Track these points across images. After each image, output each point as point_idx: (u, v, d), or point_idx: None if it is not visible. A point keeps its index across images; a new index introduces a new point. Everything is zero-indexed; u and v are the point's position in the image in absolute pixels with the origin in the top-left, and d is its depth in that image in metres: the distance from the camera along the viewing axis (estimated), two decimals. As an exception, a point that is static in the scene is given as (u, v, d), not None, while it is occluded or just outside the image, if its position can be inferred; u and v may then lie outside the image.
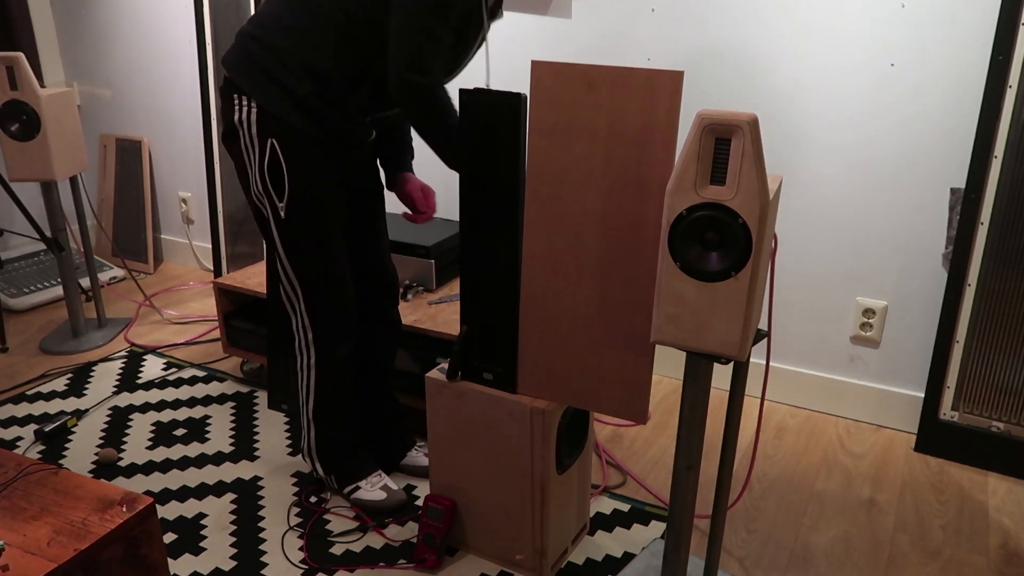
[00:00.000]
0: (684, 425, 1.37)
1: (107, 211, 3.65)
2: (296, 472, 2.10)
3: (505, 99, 1.45)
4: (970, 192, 2.02)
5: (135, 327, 2.99)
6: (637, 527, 1.90)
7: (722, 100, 2.31)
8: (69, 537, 1.29)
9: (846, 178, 2.22)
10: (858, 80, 2.13)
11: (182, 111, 3.37)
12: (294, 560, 1.78)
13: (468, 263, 1.60)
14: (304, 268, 1.77)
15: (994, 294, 2.07)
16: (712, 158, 1.15)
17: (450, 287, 2.45)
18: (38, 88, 2.48)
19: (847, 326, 2.35)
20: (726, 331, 1.20)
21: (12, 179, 2.57)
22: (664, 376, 2.64)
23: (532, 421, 1.59)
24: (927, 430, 2.21)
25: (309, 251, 1.76)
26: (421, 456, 2.07)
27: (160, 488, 2.04)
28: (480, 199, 1.54)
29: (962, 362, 2.14)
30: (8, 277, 3.25)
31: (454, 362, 1.67)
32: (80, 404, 2.43)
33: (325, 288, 1.79)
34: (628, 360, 1.43)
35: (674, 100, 1.26)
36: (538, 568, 1.72)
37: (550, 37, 2.49)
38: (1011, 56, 1.90)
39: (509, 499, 1.70)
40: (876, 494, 2.04)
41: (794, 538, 1.88)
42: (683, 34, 2.30)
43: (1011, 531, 1.91)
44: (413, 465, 2.06)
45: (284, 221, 1.73)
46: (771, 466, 2.16)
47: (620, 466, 2.14)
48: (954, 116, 2.05)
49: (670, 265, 1.21)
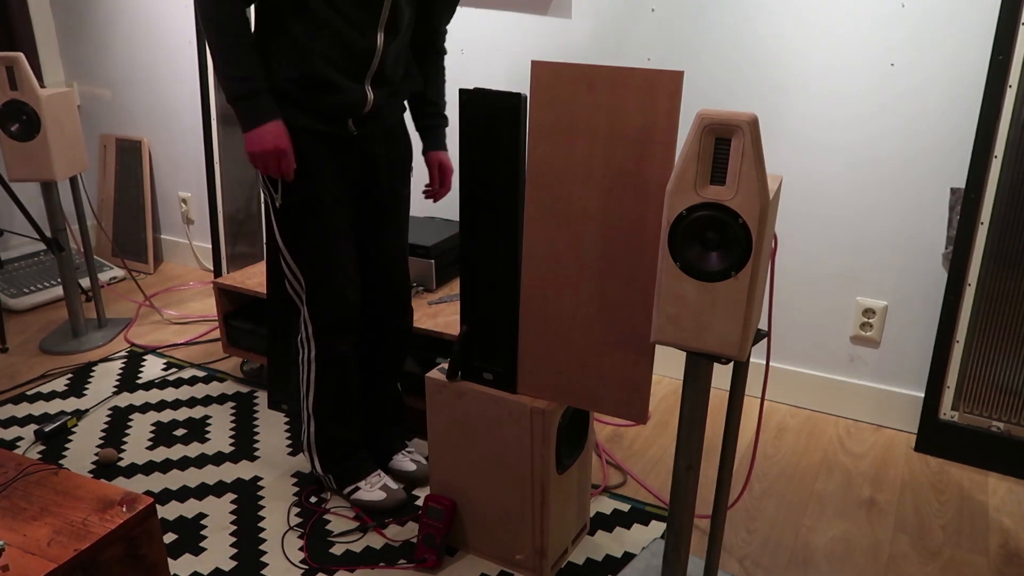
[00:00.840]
0: (684, 425, 1.37)
1: (107, 211, 3.65)
2: (296, 472, 2.10)
3: (505, 99, 1.45)
4: (970, 192, 2.02)
5: (135, 327, 2.99)
6: (637, 527, 1.90)
7: (722, 100, 2.31)
8: (69, 537, 1.29)
9: (846, 178, 2.22)
10: (858, 80, 2.13)
11: (182, 111, 3.37)
12: (294, 560, 1.78)
13: (468, 263, 1.60)
14: (303, 259, 1.78)
15: (994, 294, 2.07)
16: (712, 158, 1.15)
17: (450, 287, 2.45)
18: (38, 88, 2.48)
19: (847, 326, 2.35)
20: (726, 331, 1.20)
21: (12, 179, 2.57)
22: (664, 376, 2.64)
23: (532, 421, 1.59)
24: (927, 430, 2.21)
25: (306, 242, 1.76)
26: (407, 461, 2.05)
27: (160, 488, 2.04)
28: (480, 199, 1.54)
29: (962, 362, 2.14)
30: (8, 277, 3.25)
31: (454, 362, 1.67)
32: (80, 404, 2.43)
33: (324, 281, 1.78)
34: (628, 360, 1.43)
35: (674, 100, 1.26)
36: (538, 568, 1.72)
37: (550, 37, 2.49)
38: (1011, 56, 1.90)
39: (509, 499, 1.70)
40: (876, 494, 2.04)
41: (794, 538, 1.88)
42: (683, 34, 2.30)
43: (1011, 531, 1.91)
44: (398, 469, 2.05)
45: (281, 211, 1.74)
46: (771, 466, 2.16)
47: (620, 466, 2.14)
48: (954, 116, 2.05)
49: (670, 265, 1.21)
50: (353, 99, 1.69)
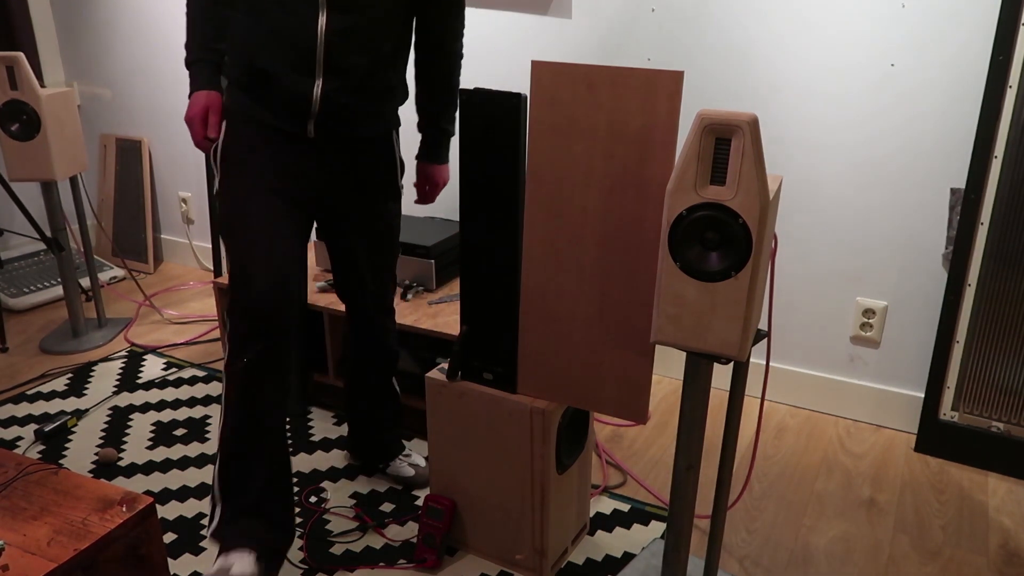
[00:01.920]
0: (684, 425, 1.37)
1: (107, 211, 3.65)
2: (296, 472, 2.10)
3: (505, 99, 1.45)
4: (970, 192, 2.02)
5: (135, 327, 2.99)
6: (637, 527, 1.90)
7: (722, 100, 2.31)
8: (69, 537, 1.29)
9: (846, 178, 2.22)
10: (858, 80, 2.13)
11: (182, 111, 3.36)
12: (294, 560, 1.78)
13: (468, 263, 1.60)
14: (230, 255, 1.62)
15: (994, 294, 2.07)
16: (712, 158, 1.15)
17: (450, 287, 2.45)
18: (38, 88, 2.48)
19: (847, 326, 2.35)
20: (726, 331, 1.20)
21: (12, 179, 2.57)
22: (664, 376, 2.64)
23: (532, 421, 1.59)
24: (927, 430, 2.21)
25: (232, 238, 1.62)
26: (405, 466, 2.04)
27: (160, 488, 2.04)
28: (480, 199, 1.54)
29: (962, 362, 2.14)
30: (8, 277, 3.25)
31: (454, 362, 1.67)
32: (80, 404, 2.43)
33: (245, 279, 1.58)
34: (628, 360, 1.43)
35: (674, 100, 1.26)
36: (538, 568, 1.72)
37: (550, 37, 2.49)
38: (1011, 56, 1.90)
39: (509, 499, 1.70)
40: (876, 494, 2.04)
41: (794, 538, 1.88)
42: (683, 34, 2.30)
43: (1011, 531, 1.91)
44: (396, 475, 2.05)
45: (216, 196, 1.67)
46: (771, 466, 2.16)
47: (620, 466, 2.14)
48: (954, 116, 2.05)
49: (670, 265, 1.21)
50: (295, 91, 1.55)
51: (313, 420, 2.35)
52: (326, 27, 1.51)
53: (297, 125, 1.59)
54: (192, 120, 1.60)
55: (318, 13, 1.50)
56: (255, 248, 1.58)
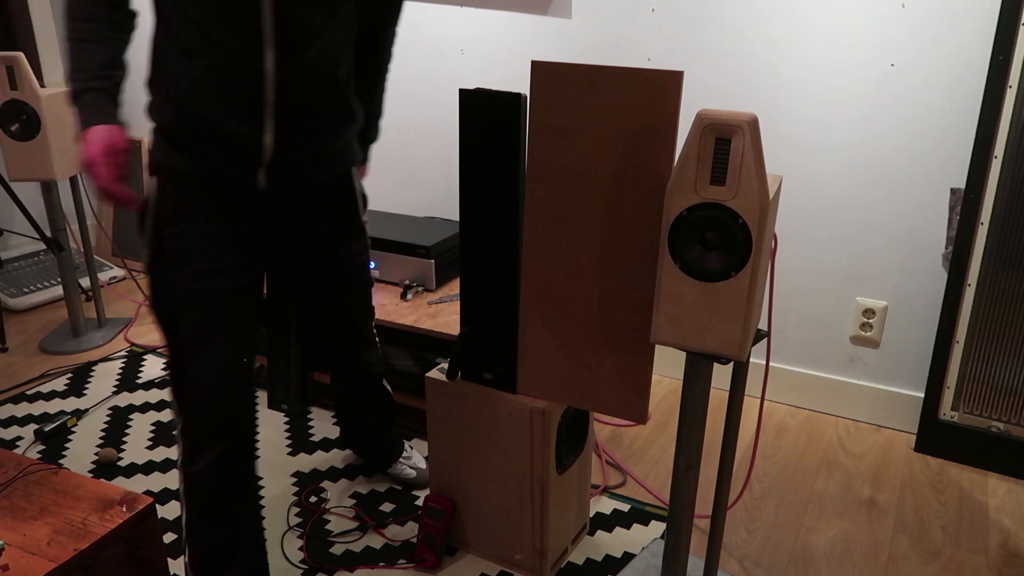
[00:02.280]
0: (684, 425, 1.37)
1: (107, 211, 3.65)
2: (296, 472, 2.10)
3: (505, 99, 1.45)
4: (970, 192, 2.02)
5: (135, 327, 2.99)
6: (637, 527, 1.90)
7: (722, 100, 2.31)
8: (69, 537, 1.29)
9: (846, 178, 2.22)
10: (858, 80, 2.13)
11: (182, 111, 3.36)
12: (294, 560, 1.78)
13: (468, 263, 1.60)
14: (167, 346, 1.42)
15: (994, 294, 2.07)
16: (712, 158, 1.15)
17: (450, 287, 2.45)
18: (38, 88, 2.48)
19: (847, 326, 2.35)
20: (726, 331, 1.20)
21: (12, 179, 2.57)
22: (664, 376, 2.64)
23: (532, 421, 1.59)
24: (927, 430, 2.21)
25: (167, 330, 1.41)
26: (406, 468, 2.04)
27: (160, 488, 2.04)
28: (480, 199, 1.54)
29: (962, 362, 2.14)
30: (8, 277, 3.25)
31: (454, 362, 1.67)
32: (80, 404, 2.43)
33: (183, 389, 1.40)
34: (628, 360, 1.43)
35: (674, 100, 1.26)
36: (538, 568, 1.72)
37: (550, 37, 2.49)
38: (1011, 56, 1.90)
39: (509, 499, 1.70)
40: (876, 494, 2.04)
41: (794, 538, 1.88)
42: (683, 34, 2.30)
43: (1011, 531, 1.91)
44: (398, 476, 2.05)
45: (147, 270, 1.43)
46: (771, 466, 2.16)
47: (620, 466, 2.14)
48: (954, 116, 2.05)
49: (670, 265, 1.21)
50: (242, 139, 1.36)
51: (313, 420, 2.35)
52: (275, 65, 1.32)
53: (244, 178, 1.40)
54: (92, 162, 1.29)
55: (262, 50, 1.30)
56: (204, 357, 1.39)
